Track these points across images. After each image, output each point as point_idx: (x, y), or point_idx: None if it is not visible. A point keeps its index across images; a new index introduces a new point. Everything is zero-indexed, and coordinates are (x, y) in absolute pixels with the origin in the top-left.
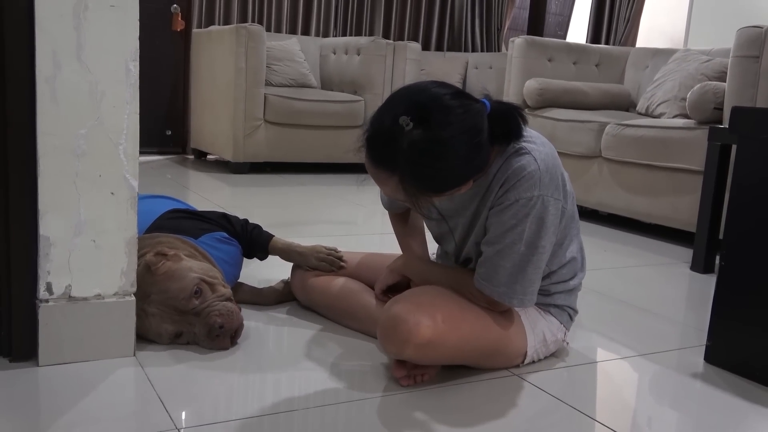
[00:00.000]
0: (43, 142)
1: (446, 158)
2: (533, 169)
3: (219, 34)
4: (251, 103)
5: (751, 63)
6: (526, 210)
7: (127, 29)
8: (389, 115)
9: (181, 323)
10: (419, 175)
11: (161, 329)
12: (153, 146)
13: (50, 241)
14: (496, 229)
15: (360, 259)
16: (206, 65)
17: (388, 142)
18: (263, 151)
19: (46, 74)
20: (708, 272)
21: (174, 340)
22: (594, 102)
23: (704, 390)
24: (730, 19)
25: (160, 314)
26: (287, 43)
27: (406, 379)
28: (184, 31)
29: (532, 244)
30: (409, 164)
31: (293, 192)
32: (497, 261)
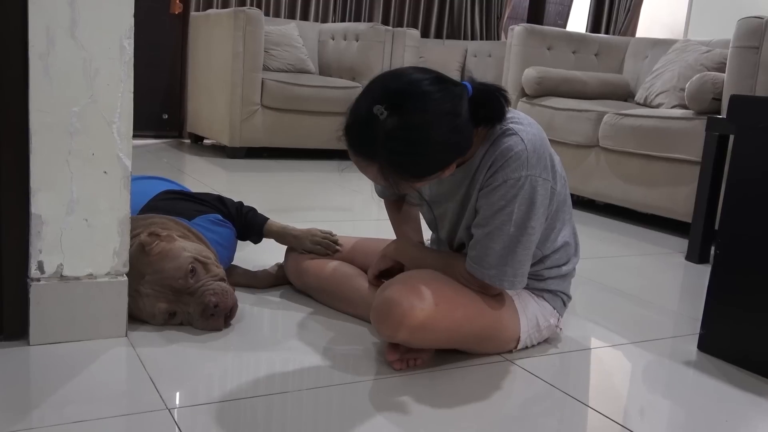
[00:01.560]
0: (35, 119)
1: (423, 144)
2: (521, 149)
3: (217, 17)
4: (248, 88)
5: (751, 54)
6: (515, 191)
7: (122, 6)
8: (365, 103)
9: (176, 303)
10: (398, 163)
11: (155, 309)
12: (149, 130)
13: (42, 219)
14: (486, 210)
15: (354, 243)
16: (204, 49)
17: (365, 131)
18: (260, 136)
19: (40, 50)
20: (703, 262)
21: (168, 320)
22: (593, 91)
23: (697, 378)
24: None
25: (154, 294)
26: (286, 28)
27: (399, 363)
28: (182, 14)
29: (522, 225)
30: (386, 152)
31: (290, 177)
32: (487, 243)
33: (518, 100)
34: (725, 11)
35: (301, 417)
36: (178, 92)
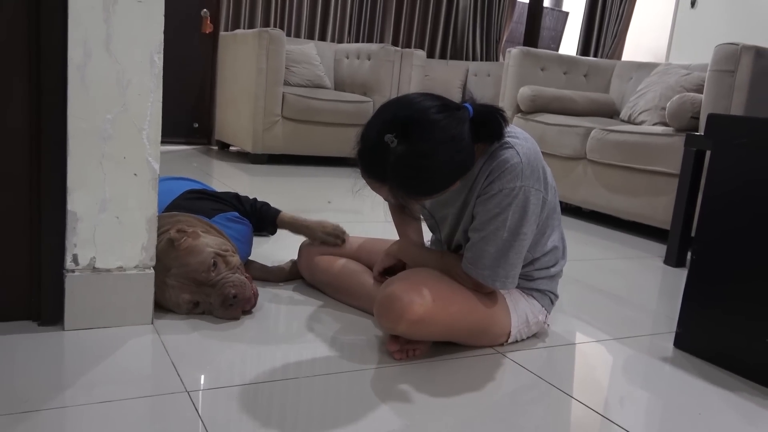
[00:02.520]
0: (73, 125)
1: (430, 168)
2: (516, 161)
3: (243, 37)
4: (270, 101)
5: (727, 77)
6: (509, 200)
7: (153, 23)
8: (375, 131)
9: (198, 294)
10: (407, 185)
11: (180, 299)
12: (181, 137)
13: (77, 216)
14: (482, 216)
15: (361, 242)
16: (231, 65)
17: (376, 157)
18: (280, 144)
19: (77, 62)
20: (680, 266)
21: (191, 309)
22: (581, 109)
23: (673, 373)
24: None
25: (179, 286)
26: (305, 48)
27: (399, 353)
28: (212, 33)
29: (515, 231)
30: (396, 176)
31: (306, 182)
32: (482, 246)
33: (514, 115)
34: (703, 38)
35: (312, 401)
36: (207, 103)
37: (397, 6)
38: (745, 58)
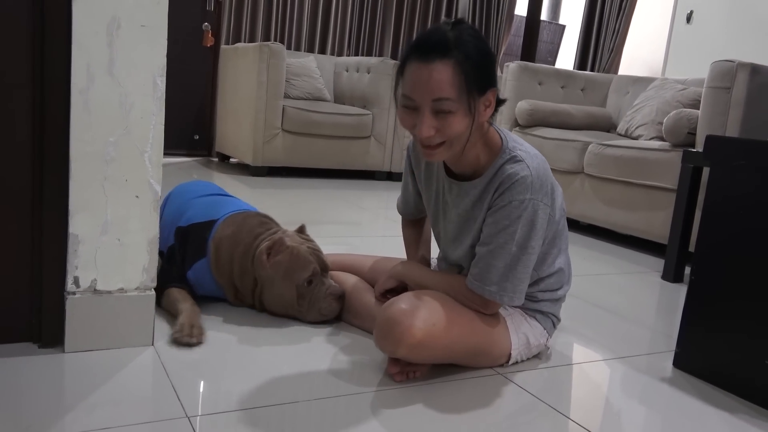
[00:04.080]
0: (75, 148)
1: (485, 49)
2: (526, 174)
3: (244, 50)
4: (271, 114)
5: (723, 93)
6: (518, 212)
7: (156, 47)
8: (430, 28)
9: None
10: (472, 56)
11: (310, 260)
12: (182, 149)
13: (79, 238)
14: (490, 229)
15: (374, 261)
16: (232, 78)
17: (439, 34)
18: (280, 156)
19: (81, 86)
20: (677, 281)
21: (306, 280)
22: (579, 123)
23: (671, 393)
24: (704, 51)
25: (312, 257)
26: (305, 61)
27: (399, 375)
28: (213, 46)
29: (523, 244)
30: (462, 46)
31: (305, 194)
32: (490, 260)
33: (512, 129)
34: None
35: (311, 426)
36: (208, 115)
37: (396, 19)
38: (741, 75)
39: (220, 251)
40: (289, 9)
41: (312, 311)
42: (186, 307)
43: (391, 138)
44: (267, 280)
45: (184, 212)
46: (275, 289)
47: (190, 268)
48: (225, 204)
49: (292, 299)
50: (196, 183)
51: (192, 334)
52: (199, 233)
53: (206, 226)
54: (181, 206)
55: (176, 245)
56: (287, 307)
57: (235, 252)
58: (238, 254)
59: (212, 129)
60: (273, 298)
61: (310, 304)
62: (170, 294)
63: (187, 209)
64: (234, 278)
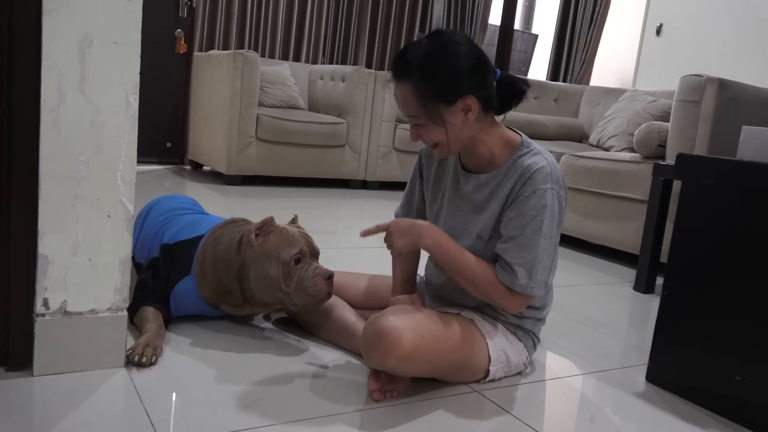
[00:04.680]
0: (45, 167)
1: (453, 59)
2: (544, 164)
3: (218, 58)
4: (245, 122)
5: (692, 107)
6: (543, 201)
7: (129, 64)
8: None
9: (305, 257)
10: (428, 77)
11: (296, 238)
12: (154, 156)
13: (48, 259)
14: (518, 221)
15: (367, 284)
16: (205, 85)
17: (404, 54)
18: (254, 165)
19: (51, 104)
20: (649, 292)
21: (291, 258)
22: (552, 133)
23: (645, 409)
24: (673, 62)
25: (300, 237)
26: (279, 68)
27: (378, 394)
28: (186, 54)
29: (549, 234)
30: (419, 68)
31: (280, 203)
32: (519, 254)
33: None
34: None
35: None
36: (181, 123)
37: (370, 27)
38: (710, 90)
39: (204, 261)
40: (263, 16)
41: (299, 292)
42: (150, 327)
43: (366, 146)
44: (254, 261)
45: (168, 228)
46: (261, 268)
47: (173, 288)
48: (210, 221)
49: (277, 279)
50: (179, 197)
51: (144, 353)
52: (185, 251)
53: (192, 243)
54: (165, 221)
55: (161, 262)
56: (274, 288)
57: (218, 251)
58: (222, 251)
59: (185, 137)
60: (259, 280)
61: (297, 284)
62: (143, 311)
63: (171, 225)
64: (220, 277)
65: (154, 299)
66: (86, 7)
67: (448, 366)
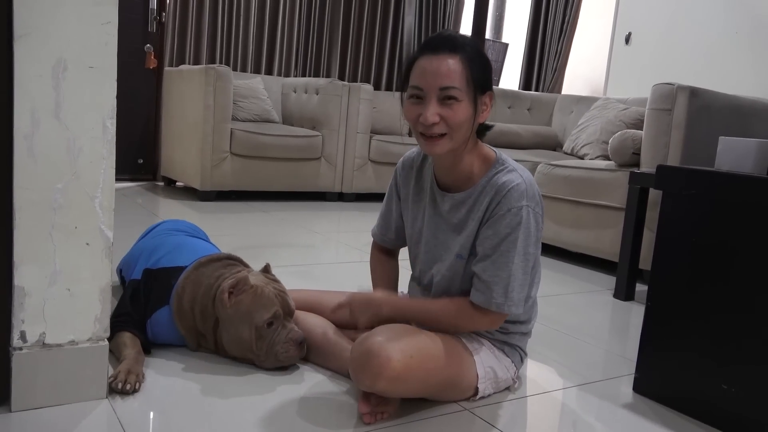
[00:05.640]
0: (19, 196)
1: (486, 58)
2: (519, 182)
3: (189, 73)
4: (219, 137)
5: (665, 115)
6: (518, 219)
7: (105, 89)
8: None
9: (279, 319)
10: (478, 57)
11: (273, 300)
12: (126, 173)
13: (25, 291)
14: (492, 240)
15: (315, 297)
16: (177, 101)
17: (449, 34)
18: (229, 180)
19: (24, 131)
20: (629, 300)
21: (265, 321)
22: (526, 142)
23: (634, 421)
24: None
25: (276, 297)
26: (252, 82)
27: (369, 417)
28: (156, 69)
29: (524, 251)
30: (471, 47)
31: (256, 218)
32: (494, 272)
33: None
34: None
35: None
36: (153, 139)
37: (342, 39)
38: (681, 98)
39: (183, 297)
40: (234, 29)
41: (269, 356)
42: (129, 353)
43: (342, 159)
44: (227, 320)
45: (155, 252)
46: (234, 328)
47: (151, 316)
48: (197, 249)
49: (250, 340)
50: (184, 223)
51: (127, 381)
52: (166, 279)
53: (174, 272)
54: (156, 245)
55: (141, 287)
56: (245, 349)
57: (197, 294)
58: (200, 295)
59: (157, 153)
60: (231, 339)
61: (269, 347)
62: (120, 336)
63: (158, 250)
64: (196, 322)
65: (132, 324)
66: (60, 31)
67: (438, 384)
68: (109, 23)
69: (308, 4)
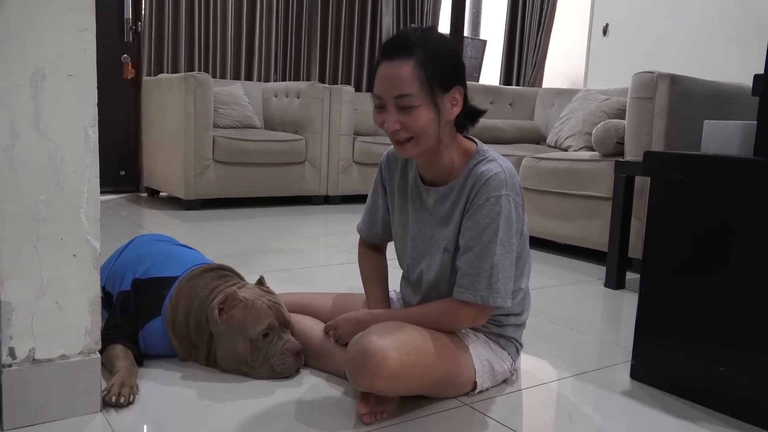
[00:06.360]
0: (2, 209)
1: (450, 49)
2: (498, 171)
3: (168, 82)
4: (201, 145)
5: (646, 103)
6: (497, 208)
7: (86, 96)
8: (400, 31)
9: (274, 330)
10: (433, 55)
11: (266, 313)
12: (108, 186)
13: (12, 306)
14: (473, 231)
15: (333, 303)
16: (157, 110)
17: (404, 35)
18: (213, 188)
19: (4, 143)
20: (620, 288)
21: (260, 333)
22: (510, 137)
23: (633, 407)
24: (622, 63)
25: (269, 309)
26: (232, 89)
27: (369, 417)
28: (134, 78)
29: (506, 241)
30: (424, 46)
31: (243, 225)
32: (477, 264)
33: None
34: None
35: None
36: (134, 150)
37: (321, 42)
38: (662, 85)
39: (177, 310)
40: (212, 36)
41: (264, 367)
42: (122, 365)
43: (326, 161)
44: (221, 335)
45: (143, 262)
46: (228, 343)
47: (143, 327)
48: (187, 258)
49: (245, 354)
50: (162, 236)
51: (121, 393)
52: (157, 290)
53: (166, 282)
54: (142, 256)
55: (131, 298)
56: (239, 362)
57: (191, 307)
58: (194, 309)
59: (139, 163)
60: (225, 353)
61: (264, 358)
62: (112, 349)
63: (146, 260)
64: (190, 334)
65: (123, 336)
66: (36, 39)
67: (436, 381)
68: (87, 30)
69: (285, 7)
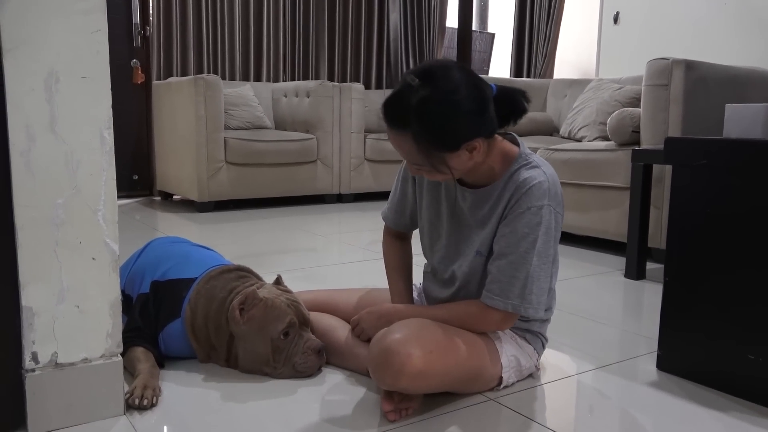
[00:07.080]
0: (20, 214)
1: (453, 111)
2: (542, 179)
3: (178, 85)
4: (213, 147)
5: (662, 91)
6: (538, 219)
7: (100, 98)
8: (402, 79)
9: (295, 328)
10: (429, 129)
11: (287, 311)
12: (121, 191)
13: (33, 311)
14: (510, 238)
15: (357, 301)
16: (168, 114)
17: (400, 101)
18: (226, 189)
19: (21, 148)
20: (640, 278)
21: (281, 332)
22: (523, 129)
23: (661, 398)
24: (634, 51)
25: (289, 307)
26: (242, 90)
27: (393, 414)
28: (144, 83)
29: (543, 252)
30: (419, 118)
31: (257, 225)
32: (511, 272)
33: None
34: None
35: None
36: (146, 154)
37: (329, 41)
38: (677, 72)
39: (196, 312)
40: (220, 38)
41: (286, 366)
42: (143, 368)
43: (338, 160)
44: (242, 336)
45: (161, 264)
46: (250, 344)
47: (163, 329)
48: (205, 259)
49: (266, 354)
50: (178, 238)
51: (144, 395)
52: (176, 292)
53: (184, 284)
54: (160, 257)
55: (150, 300)
56: (261, 363)
57: (210, 309)
58: (213, 311)
59: (151, 168)
60: (246, 354)
61: (286, 358)
62: (133, 351)
63: (164, 261)
64: (210, 336)
65: (144, 339)
66: (49, 43)
67: (461, 377)
68: (99, 31)
69: (292, 6)
